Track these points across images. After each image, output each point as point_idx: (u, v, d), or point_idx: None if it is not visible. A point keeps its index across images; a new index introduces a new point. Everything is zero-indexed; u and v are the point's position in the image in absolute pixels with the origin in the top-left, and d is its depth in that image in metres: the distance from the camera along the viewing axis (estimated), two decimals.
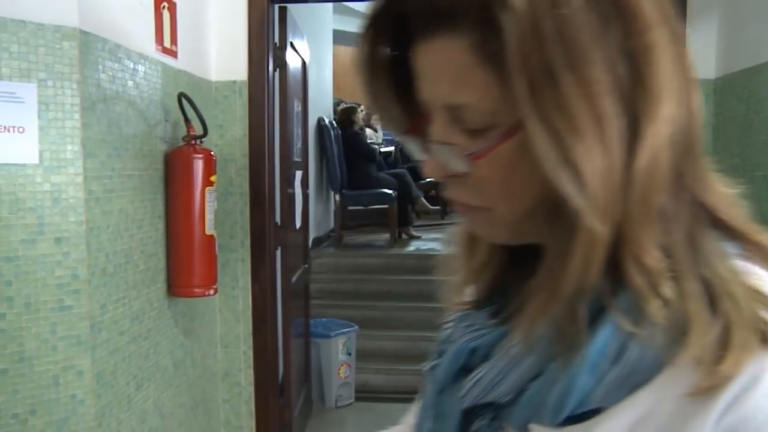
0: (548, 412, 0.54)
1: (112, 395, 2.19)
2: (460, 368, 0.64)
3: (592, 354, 0.52)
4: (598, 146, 0.50)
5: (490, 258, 0.67)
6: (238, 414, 3.41)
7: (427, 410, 0.68)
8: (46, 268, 1.93)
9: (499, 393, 0.59)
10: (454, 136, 0.57)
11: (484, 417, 0.63)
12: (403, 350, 5.09)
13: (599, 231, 0.51)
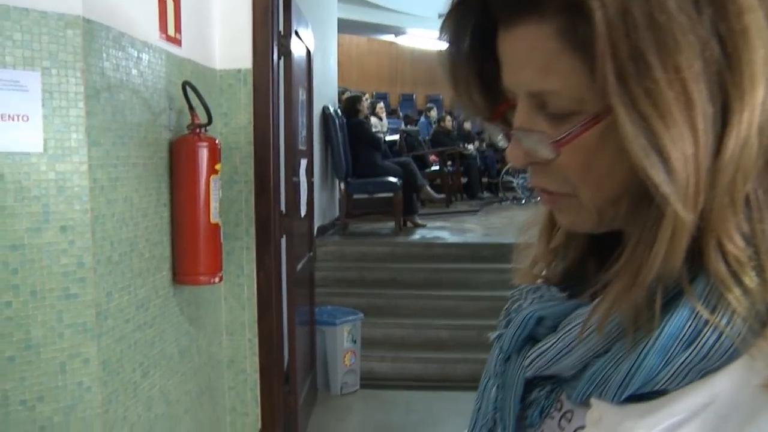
0: (611, 388, 0.55)
1: (118, 382, 2.21)
2: (526, 337, 0.64)
3: (664, 337, 0.52)
4: (687, 133, 0.50)
5: (568, 242, 0.68)
6: (243, 401, 3.42)
7: (492, 378, 0.69)
8: (52, 256, 1.94)
9: (563, 366, 0.60)
10: (538, 122, 0.57)
11: (543, 388, 0.65)
12: (408, 338, 5.10)
13: (685, 218, 0.50)
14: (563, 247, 0.69)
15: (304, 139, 4.18)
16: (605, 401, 0.56)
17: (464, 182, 10.24)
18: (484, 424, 0.69)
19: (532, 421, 0.65)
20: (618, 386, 0.54)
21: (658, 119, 0.49)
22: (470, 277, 5.65)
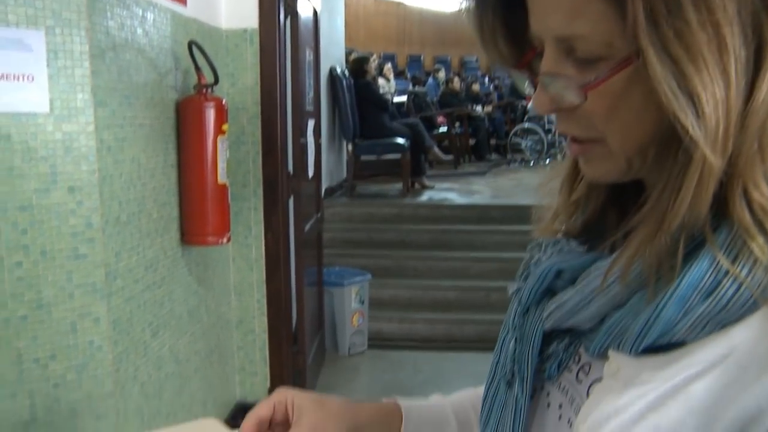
0: (629, 340, 0.54)
1: (128, 342, 2.23)
2: (545, 290, 0.65)
3: (683, 287, 0.52)
4: (718, 76, 0.49)
5: (589, 194, 0.68)
6: (252, 361, 3.46)
7: (511, 332, 0.69)
8: (60, 216, 1.95)
9: (581, 319, 0.60)
10: (566, 68, 0.56)
11: (561, 341, 0.65)
12: (416, 299, 5.13)
13: (713, 162, 0.50)
14: (584, 199, 0.68)
15: (312, 100, 4.16)
16: (623, 353, 0.56)
17: (472, 144, 10.18)
18: (503, 377, 0.70)
19: (550, 374, 0.66)
20: (636, 337, 0.54)
21: (688, 62, 0.49)
22: (478, 238, 5.65)
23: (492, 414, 0.71)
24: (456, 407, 0.87)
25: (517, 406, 0.67)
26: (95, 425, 2.09)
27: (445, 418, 0.86)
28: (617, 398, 0.55)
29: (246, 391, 3.51)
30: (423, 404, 0.86)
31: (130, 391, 2.25)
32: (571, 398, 0.64)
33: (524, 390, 0.66)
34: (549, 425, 0.66)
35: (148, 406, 2.40)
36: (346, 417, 0.78)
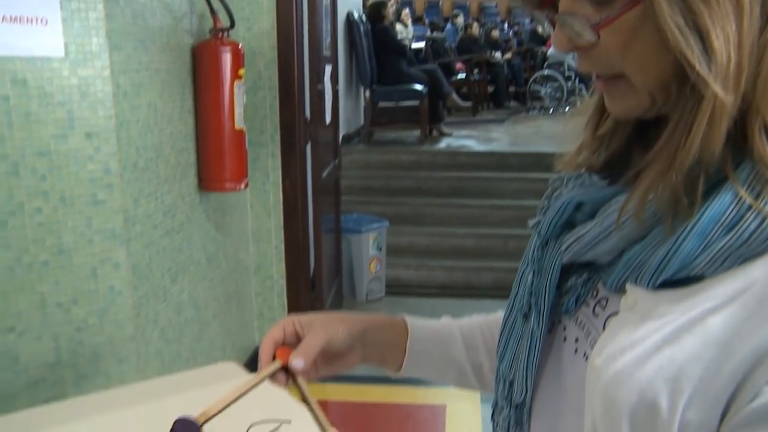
0: (647, 273, 0.55)
1: (148, 287, 2.25)
2: (565, 223, 0.65)
3: (704, 221, 0.52)
4: (730, 9, 0.49)
5: (614, 130, 0.67)
6: (270, 307, 3.50)
7: (530, 265, 0.70)
8: (78, 162, 1.95)
9: (600, 252, 0.60)
10: (583, 6, 0.57)
11: (580, 276, 0.65)
12: (434, 246, 5.14)
13: (725, 99, 0.50)
14: (609, 135, 0.68)
15: (329, 45, 4.10)
16: (640, 287, 0.56)
17: (491, 91, 10.06)
18: (519, 310, 0.70)
19: (568, 308, 0.66)
20: (654, 271, 0.54)
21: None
22: (495, 185, 5.62)
23: (508, 347, 0.72)
24: (464, 329, 0.88)
25: (532, 339, 0.68)
26: (117, 368, 2.13)
27: (451, 338, 0.87)
28: (633, 331, 0.55)
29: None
30: (430, 322, 0.88)
31: (151, 336, 2.28)
32: (588, 332, 0.64)
33: (540, 323, 0.67)
34: (564, 358, 0.67)
35: (169, 350, 2.44)
36: (354, 321, 0.82)
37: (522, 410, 0.71)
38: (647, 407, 0.53)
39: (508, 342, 0.72)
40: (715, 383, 0.50)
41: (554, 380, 0.68)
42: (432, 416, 3.09)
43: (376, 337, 0.85)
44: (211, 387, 1.55)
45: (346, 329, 0.81)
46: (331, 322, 0.81)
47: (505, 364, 0.72)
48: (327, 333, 0.79)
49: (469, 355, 0.87)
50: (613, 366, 0.55)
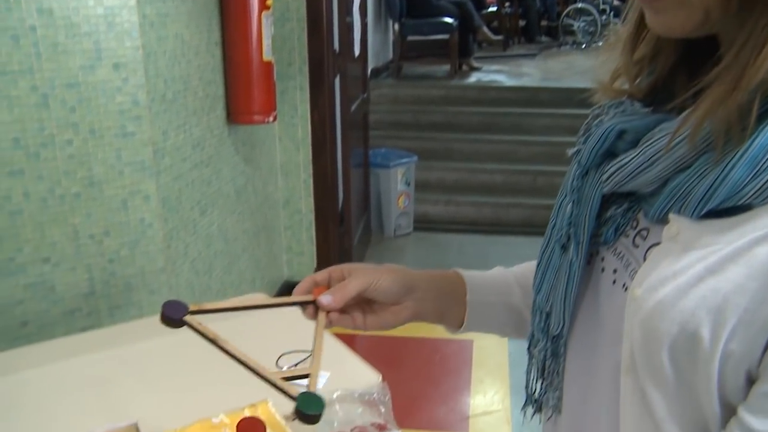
0: (692, 202, 0.53)
1: (178, 219, 2.27)
2: (606, 151, 0.63)
3: (755, 148, 0.50)
4: None
5: (656, 54, 0.64)
6: (299, 240, 3.52)
7: (568, 194, 0.68)
8: (107, 94, 1.94)
9: (643, 182, 0.58)
10: None
11: (620, 206, 0.64)
12: (462, 181, 5.11)
13: None
14: (650, 59, 0.64)
15: None
16: (684, 216, 0.54)
17: (522, 25, 9.82)
18: (558, 240, 0.69)
19: (607, 239, 0.65)
20: (699, 200, 0.52)
21: None
22: (526, 121, 5.54)
23: (545, 278, 0.71)
24: (519, 276, 0.87)
25: (570, 270, 0.66)
26: (149, 299, 2.16)
27: (508, 285, 0.86)
28: (676, 261, 0.54)
29: (293, 271, 3.59)
30: (485, 273, 0.87)
31: (181, 268, 2.31)
32: (627, 263, 0.62)
33: (579, 254, 0.66)
34: (603, 290, 0.66)
35: (199, 282, 2.47)
36: (402, 273, 0.81)
37: (558, 342, 0.70)
38: (688, 338, 0.52)
39: (545, 274, 0.71)
40: (760, 314, 0.49)
41: (592, 312, 0.67)
42: (459, 351, 3.12)
43: (429, 289, 0.82)
44: (240, 317, 1.57)
45: (390, 278, 0.79)
46: (377, 271, 0.80)
47: (542, 296, 0.71)
48: (367, 280, 0.79)
49: (527, 301, 0.85)
50: (654, 296, 0.54)
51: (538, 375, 0.76)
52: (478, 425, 2.60)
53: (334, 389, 1.20)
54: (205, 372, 1.34)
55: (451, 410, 2.67)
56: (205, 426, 1.12)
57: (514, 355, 3.08)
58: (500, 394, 2.79)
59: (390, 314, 0.82)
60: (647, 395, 0.56)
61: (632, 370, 0.57)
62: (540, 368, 0.75)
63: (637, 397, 0.57)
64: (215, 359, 1.39)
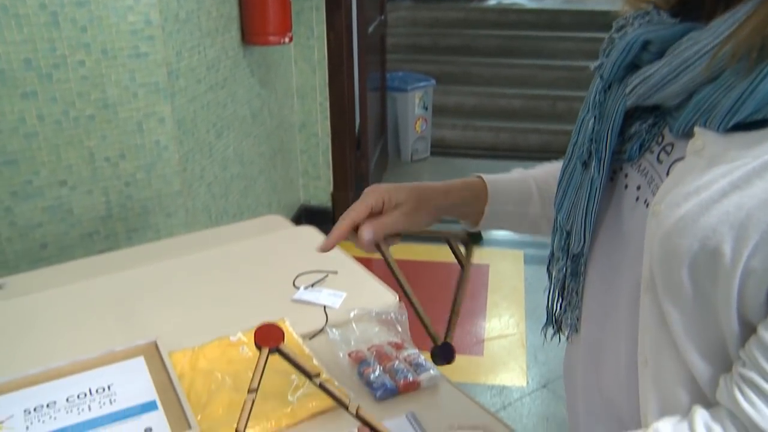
0: (719, 115, 0.51)
1: (193, 142, 2.25)
2: (629, 64, 0.60)
3: None
4: None
5: None
6: (315, 164, 3.50)
7: (591, 110, 0.66)
8: (118, 13, 1.90)
9: (668, 94, 0.56)
10: None
11: (644, 121, 0.62)
12: (481, 106, 5.03)
13: None
14: None
15: None
16: (710, 130, 0.53)
17: None
18: (579, 157, 0.67)
19: (631, 155, 0.63)
20: (726, 112, 0.50)
21: None
22: (546, 45, 5.41)
23: (566, 196, 0.69)
24: (540, 182, 0.87)
25: (592, 188, 0.65)
26: (166, 222, 2.17)
27: (529, 196, 0.86)
28: (699, 176, 0.52)
29: (309, 195, 3.58)
30: (508, 180, 0.87)
31: (198, 191, 2.31)
32: (651, 179, 0.61)
33: (601, 170, 0.64)
34: (625, 207, 0.64)
35: (215, 205, 2.48)
36: (438, 199, 0.82)
37: (579, 261, 0.69)
38: (709, 255, 0.51)
39: (566, 191, 0.69)
40: None
41: (613, 230, 0.66)
42: (475, 275, 3.13)
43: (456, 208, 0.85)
44: (258, 238, 1.57)
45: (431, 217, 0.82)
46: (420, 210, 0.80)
47: (563, 214, 0.70)
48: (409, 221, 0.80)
49: (544, 209, 0.86)
50: (675, 212, 0.53)
51: (558, 294, 0.75)
52: (493, 348, 2.63)
53: (351, 308, 1.21)
54: (222, 292, 1.34)
55: (467, 333, 2.70)
56: (223, 344, 1.13)
57: (530, 280, 3.09)
58: (515, 318, 2.81)
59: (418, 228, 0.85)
60: (666, 313, 0.55)
61: (651, 287, 0.57)
62: (559, 287, 0.74)
63: (656, 315, 0.57)
64: (232, 280, 1.40)
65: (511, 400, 2.37)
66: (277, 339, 0.73)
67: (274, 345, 0.74)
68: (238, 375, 1.06)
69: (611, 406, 0.68)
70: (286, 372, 1.05)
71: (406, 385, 1.03)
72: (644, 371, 0.59)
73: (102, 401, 1.00)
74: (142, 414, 0.97)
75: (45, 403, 1.00)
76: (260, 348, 0.73)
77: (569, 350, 0.79)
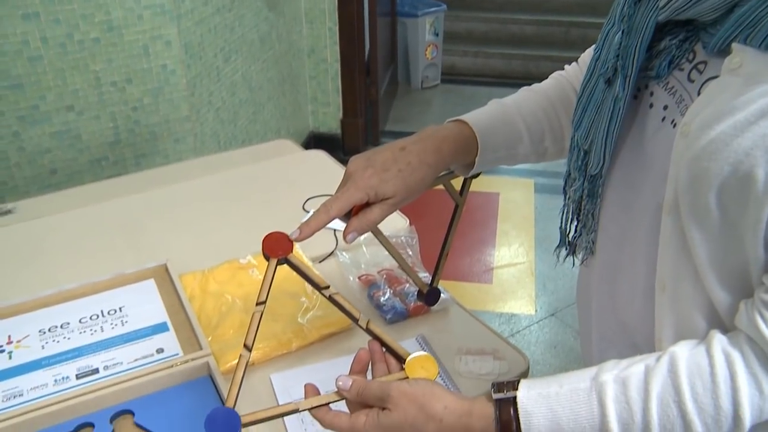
0: (762, 31, 0.49)
1: (201, 66, 2.21)
2: None
3: None
4: None
5: None
6: (324, 91, 3.46)
7: (617, 23, 0.63)
8: None
9: (706, 8, 0.53)
10: None
11: (675, 36, 0.59)
12: (492, 33, 4.93)
13: None
14: None
15: None
16: (750, 47, 0.50)
17: None
18: (602, 74, 0.64)
19: (659, 72, 0.60)
20: None
21: None
22: None
23: (586, 114, 0.66)
24: (527, 118, 0.82)
25: (615, 106, 0.62)
26: (174, 147, 2.16)
27: (518, 136, 0.81)
28: (735, 96, 0.50)
29: (318, 121, 3.55)
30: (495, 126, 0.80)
31: (206, 116, 2.29)
32: (680, 98, 0.58)
33: (626, 88, 0.61)
34: (649, 127, 0.62)
35: (224, 131, 2.45)
36: (429, 178, 0.74)
37: (596, 182, 0.67)
38: (741, 179, 0.49)
39: (585, 109, 0.67)
40: None
41: (635, 150, 0.63)
42: (485, 203, 3.12)
43: (439, 169, 0.78)
44: (267, 162, 1.56)
45: (422, 188, 0.74)
46: (409, 197, 0.73)
47: (581, 133, 0.67)
48: (397, 208, 0.73)
49: (534, 148, 0.82)
50: (706, 134, 0.50)
51: (573, 216, 0.73)
52: (503, 276, 2.64)
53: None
54: (232, 216, 1.34)
55: (476, 261, 2.71)
56: (233, 266, 1.13)
57: (540, 209, 3.07)
58: (525, 246, 2.81)
59: None
60: (688, 237, 0.54)
61: (674, 211, 0.55)
62: (575, 209, 0.72)
63: (678, 237, 0.55)
64: (241, 204, 1.39)
65: (519, 327, 2.39)
66: (286, 249, 0.70)
67: (282, 255, 0.70)
68: (249, 297, 1.06)
69: (625, 331, 0.67)
70: (296, 294, 1.05)
71: (416, 308, 1.03)
72: (662, 296, 0.59)
73: (114, 322, 1.01)
74: (154, 335, 0.98)
75: (59, 324, 1.01)
76: (268, 258, 0.70)
77: (583, 274, 0.78)
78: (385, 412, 0.61)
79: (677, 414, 0.51)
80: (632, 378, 0.53)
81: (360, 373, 0.69)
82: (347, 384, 0.65)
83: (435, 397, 0.60)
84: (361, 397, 0.64)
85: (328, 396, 0.67)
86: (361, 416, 0.63)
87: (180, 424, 0.82)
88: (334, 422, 0.64)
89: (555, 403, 0.55)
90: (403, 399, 0.60)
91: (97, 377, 0.91)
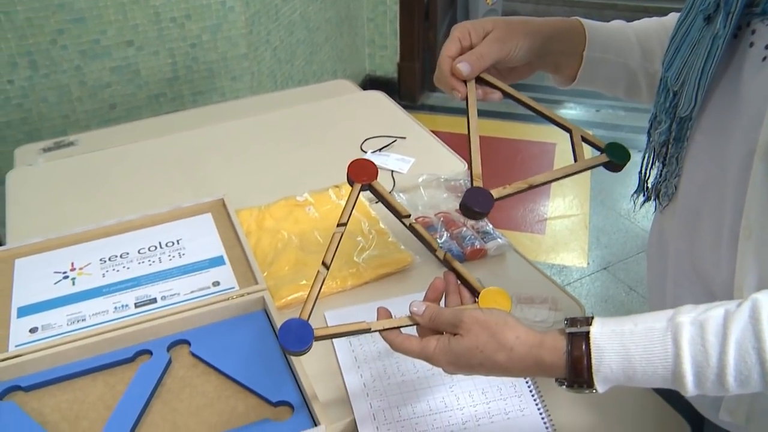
0: None
1: (260, 4, 2.19)
2: None
3: None
4: None
5: None
6: (382, 34, 3.40)
7: None
8: None
9: None
10: None
11: None
12: None
13: None
14: None
15: None
16: None
17: None
18: (703, 10, 0.60)
19: (765, 8, 0.56)
20: None
21: None
22: None
23: (679, 53, 0.63)
24: (640, 35, 0.79)
25: (713, 45, 0.58)
26: (231, 85, 2.16)
27: (629, 45, 0.79)
28: None
29: (375, 64, 3.50)
30: (608, 28, 0.79)
31: (263, 55, 2.27)
32: None
33: (727, 25, 0.57)
34: (747, 67, 0.58)
35: (281, 70, 2.44)
36: (535, 34, 0.76)
37: (685, 124, 0.64)
38: None
39: (679, 49, 0.63)
40: None
41: (730, 91, 0.59)
42: (541, 153, 3.06)
43: (554, 47, 0.78)
44: (325, 101, 1.54)
45: (526, 46, 0.75)
46: (511, 36, 0.74)
47: (672, 72, 0.63)
48: (505, 48, 0.74)
49: (644, 64, 0.79)
50: None
51: (655, 160, 0.70)
52: (555, 227, 2.60)
53: (420, 174, 1.19)
54: (289, 154, 1.34)
55: (530, 211, 2.67)
56: (290, 203, 1.13)
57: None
58: (579, 198, 2.76)
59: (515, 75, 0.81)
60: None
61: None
62: (658, 152, 0.69)
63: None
64: (299, 142, 1.39)
65: (570, 280, 2.36)
66: (371, 175, 0.71)
67: (366, 181, 0.71)
68: (305, 235, 1.06)
69: (703, 278, 0.65)
70: (352, 233, 1.05)
71: (473, 252, 1.02)
72: (747, 242, 0.56)
73: (171, 254, 1.02)
74: (210, 268, 0.99)
75: (119, 254, 1.02)
76: (352, 183, 0.71)
77: (659, 220, 0.75)
78: (456, 338, 0.61)
79: (756, 361, 0.49)
80: (710, 321, 0.51)
81: (434, 300, 0.69)
82: (421, 309, 0.65)
83: (507, 327, 0.59)
84: (433, 322, 0.64)
85: (401, 320, 0.67)
86: (431, 341, 0.63)
87: (235, 357, 0.83)
88: (405, 345, 0.64)
89: (629, 341, 0.53)
90: (475, 325, 0.60)
91: (154, 306, 0.92)
